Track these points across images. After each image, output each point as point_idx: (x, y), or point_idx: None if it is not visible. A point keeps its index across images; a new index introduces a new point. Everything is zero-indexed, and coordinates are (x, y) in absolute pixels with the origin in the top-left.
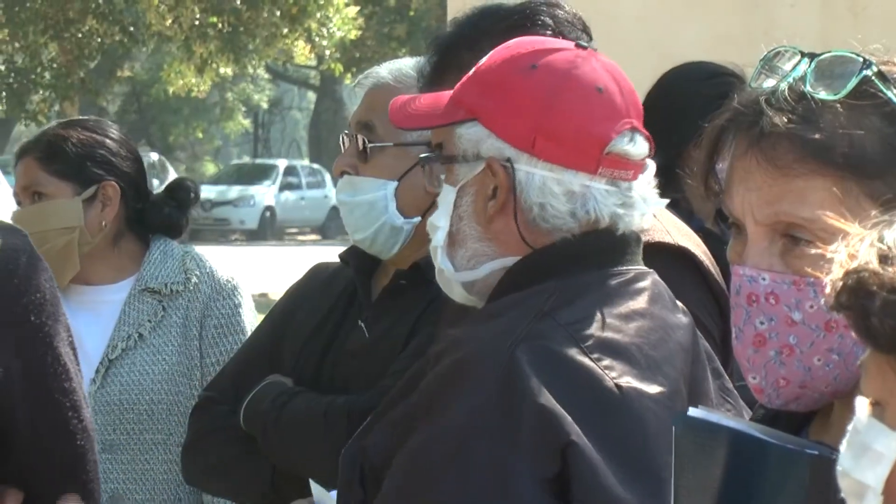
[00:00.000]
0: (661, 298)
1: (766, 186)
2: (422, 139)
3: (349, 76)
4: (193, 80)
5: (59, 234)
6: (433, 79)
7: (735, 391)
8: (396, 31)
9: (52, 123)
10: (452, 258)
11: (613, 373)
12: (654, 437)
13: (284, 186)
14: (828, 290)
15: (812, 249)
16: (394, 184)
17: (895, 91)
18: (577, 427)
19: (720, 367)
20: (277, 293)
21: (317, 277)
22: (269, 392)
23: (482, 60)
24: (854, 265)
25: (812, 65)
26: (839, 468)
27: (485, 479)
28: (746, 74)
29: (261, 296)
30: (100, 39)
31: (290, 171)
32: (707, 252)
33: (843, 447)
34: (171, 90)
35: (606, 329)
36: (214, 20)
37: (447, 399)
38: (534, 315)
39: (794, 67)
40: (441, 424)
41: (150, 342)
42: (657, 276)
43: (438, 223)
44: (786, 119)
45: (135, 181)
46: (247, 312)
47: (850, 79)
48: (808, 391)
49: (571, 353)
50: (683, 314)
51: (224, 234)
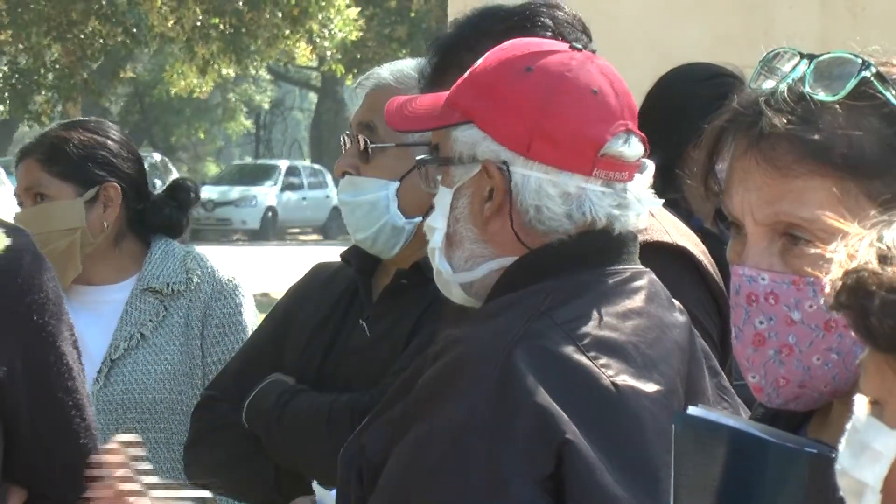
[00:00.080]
0: (658, 297)
1: (766, 187)
2: (423, 140)
3: (350, 77)
4: (195, 81)
5: (62, 235)
6: (433, 79)
7: (732, 389)
8: (397, 33)
9: (54, 125)
10: (450, 259)
11: (610, 371)
12: (651, 436)
13: (286, 187)
14: (827, 290)
15: (811, 249)
16: (395, 184)
17: (894, 92)
18: (574, 425)
19: (717, 366)
20: (279, 293)
21: (318, 277)
22: (272, 391)
23: (477, 62)
24: (853, 265)
25: (811, 66)
26: (838, 466)
27: (481, 478)
28: (746, 75)
29: (262, 295)
30: (103, 41)
31: (292, 172)
32: (706, 252)
33: (842, 446)
34: (174, 91)
35: (603, 328)
36: (216, 21)
37: (444, 397)
38: (531, 314)
39: (794, 68)
40: (438, 422)
41: (152, 342)
42: (654, 276)
43: (435, 225)
44: (785, 120)
45: (136, 182)
46: (248, 312)
47: (849, 80)
48: (808, 390)
49: (568, 352)
50: (680, 313)
51: (226, 234)
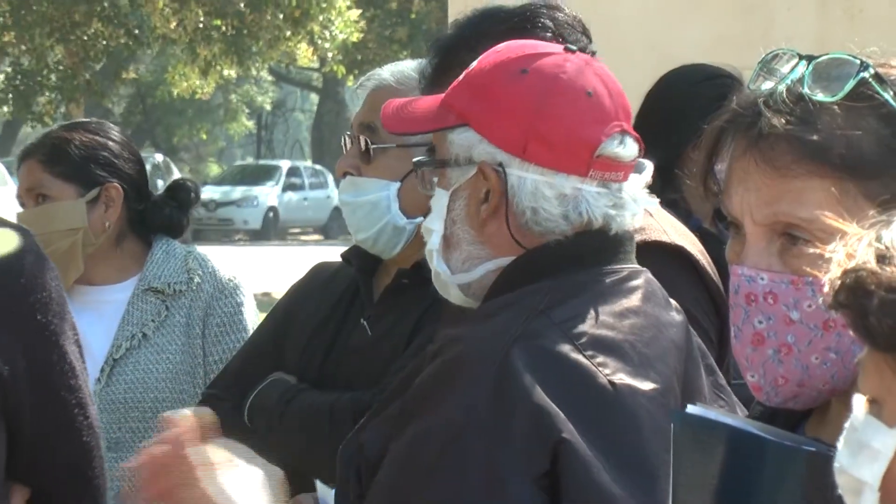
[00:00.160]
0: (655, 296)
1: (765, 187)
2: (424, 141)
3: (351, 78)
4: (197, 82)
5: (64, 236)
6: (434, 80)
7: (728, 387)
8: (398, 34)
9: (56, 126)
10: (447, 261)
11: (607, 370)
12: (648, 434)
13: (287, 187)
14: (826, 289)
15: (810, 249)
16: (396, 184)
17: (892, 93)
18: (571, 424)
19: (713, 364)
20: (280, 292)
21: (318, 277)
22: (274, 390)
23: (472, 65)
24: (852, 264)
25: (810, 67)
26: (836, 465)
27: (478, 477)
28: (744, 76)
29: (264, 295)
30: (105, 42)
31: (293, 172)
32: (703, 251)
33: (841, 444)
34: (176, 92)
35: (600, 327)
36: (218, 23)
37: (442, 396)
38: (528, 314)
39: (792, 70)
40: (436, 421)
41: (154, 341)
42: (650, 275)
43: (432, 227)
44: (784, 120)
45: (137, 182)
46: (249, 311)
47: (848, 81)
48: (806, 389)
49: (565, 351)
50: (677, 312)
51: (228, 234)
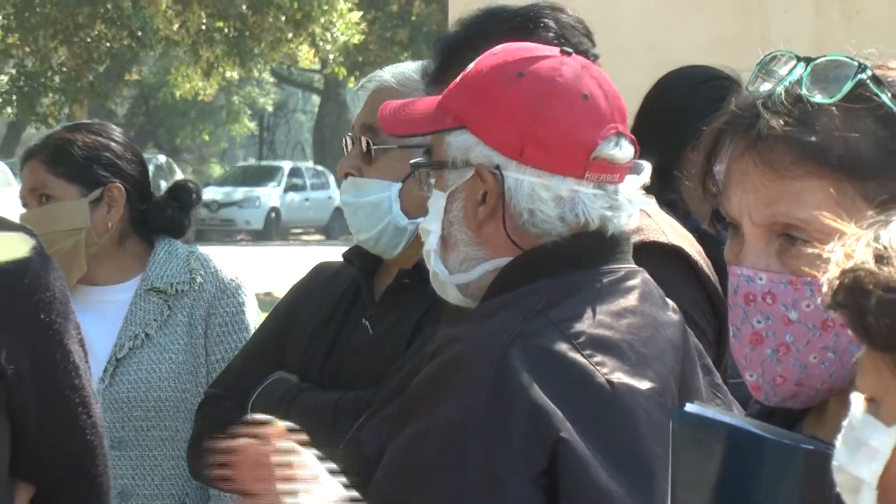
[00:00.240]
0: (652, 296)
1: (763, 188)
2: (426, 142)
3: (352, 80)
4: (200, 84)
5: (67, 236)
6: (437, 77)
7: (724, 387)
8: (399, 36)
9: (59, 127)
10: (445, 261)
11: (605, 369)
12: (645, 433)
13: (289, 188)
14: (825, 289)
15: (808, 249)
16: (398, 185)
17: (889, 94)
18: (569, 423)
19: (710, 363)
20: (282, 292)
21: (319, 276)
22: (277, 388)
23: (469, 67)
24: (850, 264)
25: (808, 69)
26: (835, 463)
27: (477, 476)
28: (743, 78)
29: (266, 294)
30: (108, 44)
31: (295, 173)
32: (701, 252)
33: (839, 443)
34: (179, 93)
35: (598, 326)
36: (221, 25)
37: (441, 396)
38: (526, 314)
39: (791, 71)
40: (434, 421)
41: (157, 341)
42: (647, 275)
43: (430, 228)
44: (782, 122)
45: (139, 183)
46: (250, 311)
47: (846, 82)
48: (805, 388)
49: (563, 350)
50: (674, 312)
51: (230, 235)
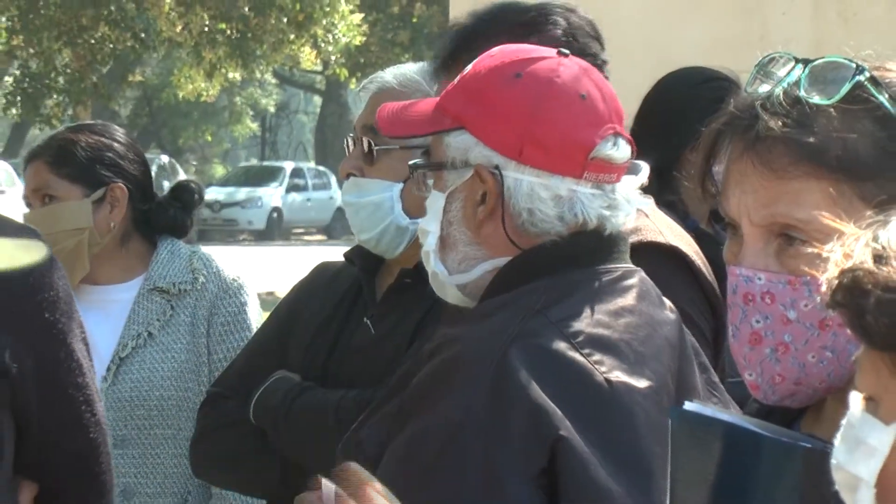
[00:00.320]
0: (649, 295)
1: (762, 189)
2: (427, 142)
3: (354, 81)
4: (203, 85)
5: (70, 235)
6: (446, 64)
7: (721, 385)
8: (400, 38)
9: (62, 128)
10: (444, 261)
11: (603, 367)
12: (644, 431)
13: (291, 188)
14: (824, 289)
15: (807, 249)
16: (399, 185)
17: (887, 95)
18: (568, 422)
19: (706, 362)
20: (284, 291)
21: (321, 276)
22: (280, 387)
23: (466, 69)
24: (849, 264)
25: (806, 70)
26: (834, 461)
27: (475, 476)
28: (741, 79)
29: (268, 294)
30: (112, 45)
31: (297, 174)
32: (699, 252)
33: (838, 441)
34: (181, 94)
35: (596, 325)
36: (223, 27)
37: (440, 396)
38: (525, 313)
39: (789, 73)
40: (434, 421)
41: (160, 340)
42: (644, 274)
43: (429, 228)
44: (781, 123)
45: (141, 183)
46: (252, 310)
47: (844, 84)
48: (803, 387)
49: (562, 349)
50: (670, 311)
51: (232, 235)
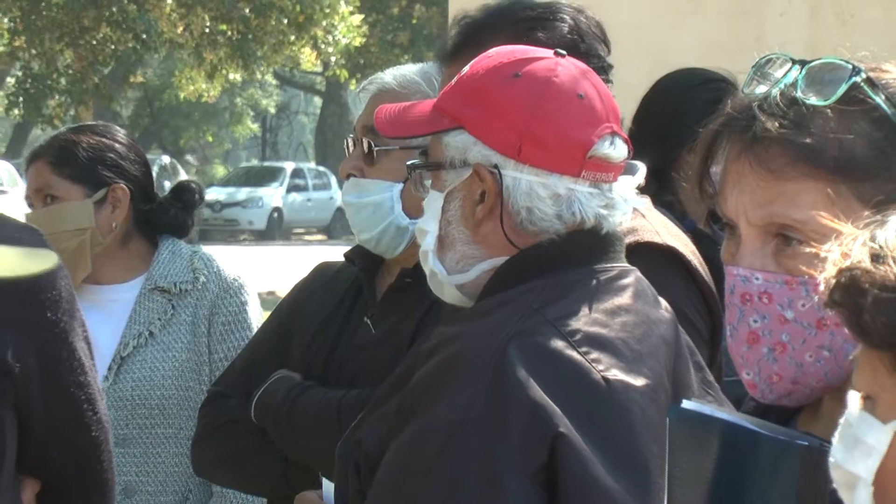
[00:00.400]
0: (645, 294)
1: (759, 189)
2: (427, 143)
3: (354, 82)
4: (204, 86)
5: (72, 236)
6: (453, 54)
7: (716, 384)
8: (399, 39)
9: (63, 128)
10: (443, 261)
11: (600, 366)
12: (641, 428)
13: (291, 188)
14: (821, 288)
15: (804, 249)
16: (399, 185)
17: (883, 97)
18: (566, 419)
19: (701, 361)
20: (285, 291)
21: (321, 276)
22: (281, 386)
23: (464, 70)
24: (847, 264)
25: (803, 71)
26: (832, 460)
27: (474, 473)
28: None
29: (269, 293)
30: (113, 46)
31: (297, 174)
32: (695, 252)
33: (836, 439)
34: (183, 95)
35: (593, 324)
36: (224, 28)
37: (439, 395)
38: (523, 312)
39: (786, 74)
40: (433, 420)
41: (161, 340)
42: (639, 273)
43: (427, 228)
44: (777, 124)
45: (142, 183)
46: (253, 310)
47: (840, 85)
48: (800, 386)
49: (560, 348)
50: (666, 310)
51: (233, 235)
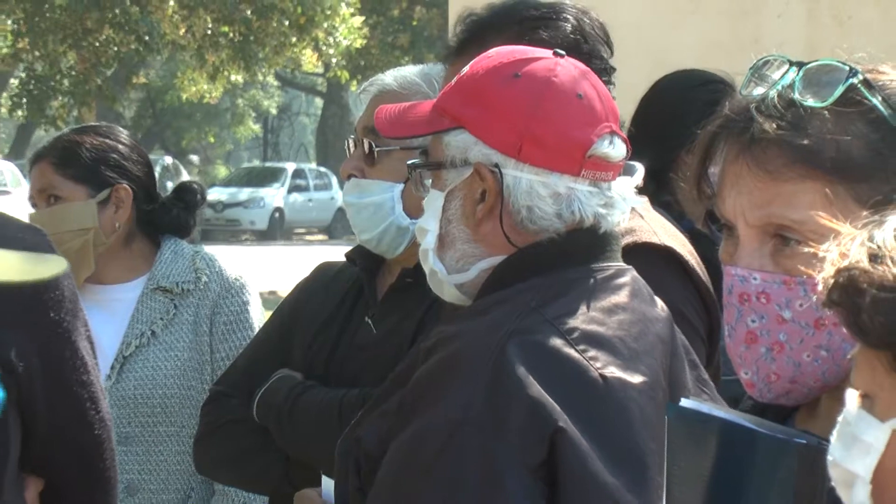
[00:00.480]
0: (641, 293)
1: (757, 190)
2: (427, 143)
3: (355, 83)
4: (206, 87)
5: (75, 236)
6: (457, 51)
7: (710, 382)
8: (400, 41)
9: (67, 129)
10: (443, 260)
11: (598, 363)
12: (638, 425)
13: (293, 189)
14: (820, 288)
15: (802, 249)
16: (400, 186)
17: (880, 98)
18: (565, 415)
19: (696, 360)
20: (286, 291)
21: (322, 276)
22: (282, 385)
23: (464, 70)
24: (845, 263)
25: (800, 73)
26: (830, 458)
27: (474, 471)
28: (736, 82)
29: (270, 293)
30: (116, 48)
31: (299, 174)
32: (693, 251)
33: (834, 438)
34: (185, 96)
35: (590, 322)
36: (226, 30)
37: (439, 394)
38: (521, 310)
39: (783, 76)
40: (433, 419)
41: (163, 339)
42: (636, 273)
43: (427, 227)
44: (775, 125)
45: (145, 184)
46: (254, 309)
47: (837, 86)
48: (798, 386)
49: (558, 346)
50: (661, 309)
51: (235, 235)
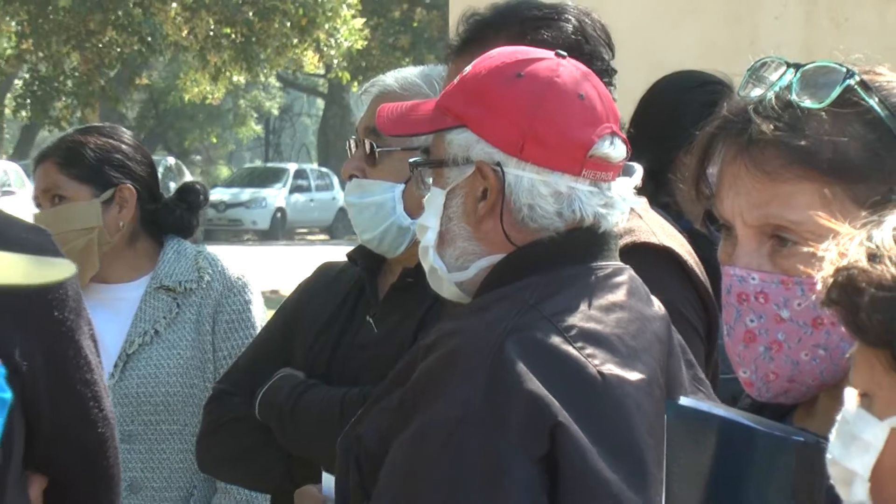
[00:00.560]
0: (638, 292)
1: (755, 191)
2: (428, 143)
3: (356, 84)
4: (208, 88)
5: (80, 235)
6: (459, 49)
7: (706, 380)
8: (401, 42)
9: (70, 130)
10: (443, 257)
11: (596, 360)
12: (636, 422)
13: (294, 189)
14: (819, 287)
15: (800, 249)
16: (401, 186)
17: (877, 99)
18: (564, 410)
19: (692, 359)
20: (288, 290)
21: (324, 275)
22: (284, 384)
23: (466, 69)
24: (844, 263)
25: (797, 74)
26: (829, 456)
27: (478, 465)
28: (734, 83)
29: (272, 293)
30: (119, 49)
31: (300, 175)
32: (691, 252)
33: (833, 436)
34: (187, 97)
35: (588, 320)
36: (228, 31)
37: (439, 391)
38: (520, 308)
39: (781, 77)
40: (433, 415)
41: (166, 338)
42: (633, 272)
43: (428, 224)
44: (773, 126)
45: (148, 184)
46: (257, 308)
47: (834, 88)
48: (796, 385)
49: (556, 343)
50: (658, 308)
51: (237, 235)
